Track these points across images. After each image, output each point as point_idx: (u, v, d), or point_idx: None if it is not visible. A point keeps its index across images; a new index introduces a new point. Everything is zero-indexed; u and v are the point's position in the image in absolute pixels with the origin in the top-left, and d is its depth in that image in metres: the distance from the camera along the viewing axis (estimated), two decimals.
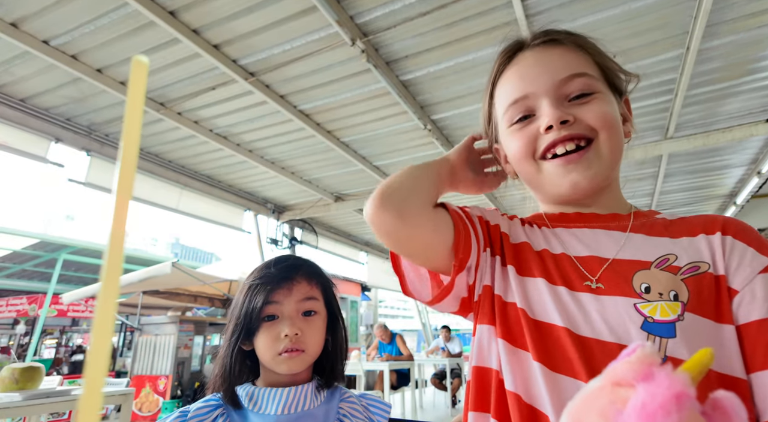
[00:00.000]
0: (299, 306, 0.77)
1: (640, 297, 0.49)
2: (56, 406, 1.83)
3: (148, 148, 4.01)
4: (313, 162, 4.32)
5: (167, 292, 6.35)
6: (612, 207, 0.60)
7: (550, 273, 0.55)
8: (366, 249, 7.44)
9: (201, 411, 0.74)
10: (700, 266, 0.50)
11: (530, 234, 0.62)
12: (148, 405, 5.19)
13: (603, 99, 0.56)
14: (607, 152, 0.55)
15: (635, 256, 0.53)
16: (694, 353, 0.40)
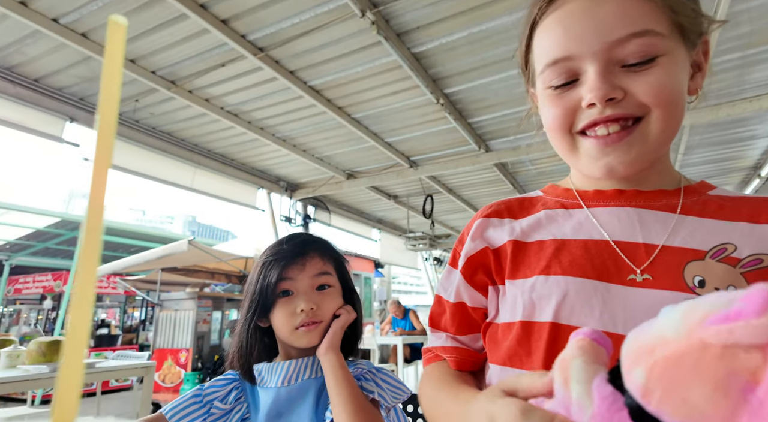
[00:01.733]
0: (313, 281, 0.78)
1: (693, 292, 0.43)
2: None
3: (160, 127, 4.02)
4: (324, 139, 4.29)
5: (185, 269, 6.49)
6: (658, 182, 0.52)
7: (576, 264, 0.48)
8: (378, 226, 7.46)
9: (217, 383, 0.77)
10: (764, 259, 0.43)
11: (549, 224, 0.53)
12: (170, 377, 5.39)
13: (667, 64, 0.45)
14: (656, 133, 0.46)
15: (687, 243, 0.46)
16: None
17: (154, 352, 5.55)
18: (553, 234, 0.52)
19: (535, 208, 0.57)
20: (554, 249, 0.50)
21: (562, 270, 0.48)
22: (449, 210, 6.78)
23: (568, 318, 0.45)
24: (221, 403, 0.75)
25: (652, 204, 0.50)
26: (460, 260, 0.58)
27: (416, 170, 4.92)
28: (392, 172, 5.05)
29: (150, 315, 10.08)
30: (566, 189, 0.57)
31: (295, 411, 0.72)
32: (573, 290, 0.46)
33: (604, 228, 0.50)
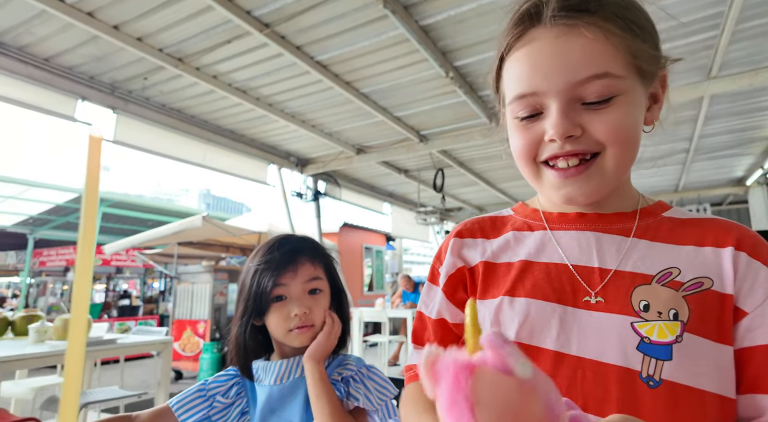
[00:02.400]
0: (305, 286, 0.82)
1: (638, 315, 0.46)
2: (104, 353, 2.02)
3: (170, 104, 4.04)
4: (332, 114, 4.27)
5: (200, 243, 6.64)
6: (617, 204, 0.56)
7: (538, 288, 0.52)
8: (389, 200, 7.47)
9: (220, 378, 0.83)
10: (704, 282, 0.47)
11: (516, 246, 0.57)
12: (190, 346, 5.63)
13: (624, 104, 0.48)
14: (611, 168, 0.50)
15: (637, 268, 0.49)
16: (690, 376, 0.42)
17: (174, 323, 5.77)
18: (519, 256, 0.56)
19: (505, 228, 0.61)
20: (519, 271, 0.54)
21: (525, 293, 0.52)
22: (460, 183, 6.75)
23: (528, 338, 0.49)
24: (223, 398, 0.81)
25: (609, 227, 0.54)
26: (440, 278, 0.61)
27: (426, 144, 4.88)
28: (402, 146, 5.02)
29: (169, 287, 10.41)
30: (534, 209, 0.61)
31: (287, 407, 0.77)
32: (534, 312, 0.50)
33: (564, 252, 0.54)
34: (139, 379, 5.33)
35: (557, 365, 0.47)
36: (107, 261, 9.31)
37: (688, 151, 5.45)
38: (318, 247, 0.88)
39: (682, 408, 0.43)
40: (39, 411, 2.29)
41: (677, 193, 7.48)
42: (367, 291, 9.67)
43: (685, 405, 0.43)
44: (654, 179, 6.82)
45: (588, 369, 0.46)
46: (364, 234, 10.05)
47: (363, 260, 9.83)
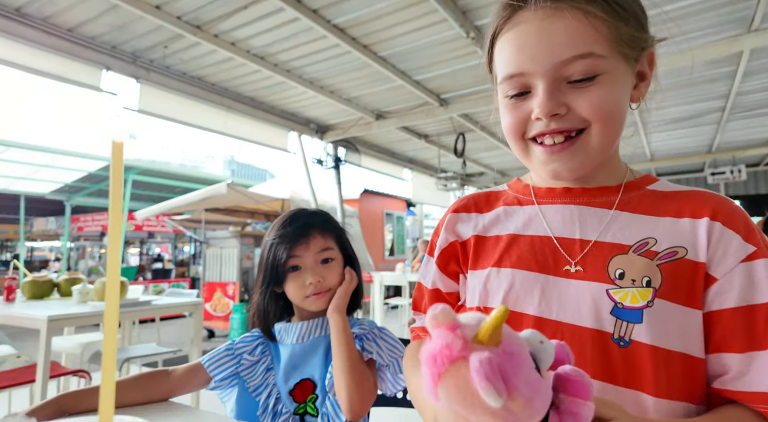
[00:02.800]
0: (317, 257, 0.89)
1: (613, 283, 0.50)
2: (141, 313, 2.18)
3: (190, 72, 4.07)
4: (351, 80, 4.22)
5: (226, 209, 6.83)
6: (603, 178, 0.58)
7: (523, 259, 0.56)
8: (409, 166, 7.45)
9: (246, 339, 0.92)
10: (678, 251, 0.50)
11: (506, 220, 0.61)
12: (221, 307, 5.92)
13: (607, 82, 0.50)
14: (596, 144, 0.52)
15: (616, 239, 0.53)
16: (658, 337, 0.47)
17: (204, 285, 6.05)
18: (507, 230, 0.60)
19: (498, 203, 0.65)
20: (507, 243, 0.58)
21: (511, 264, 0.56)
22: (482, 147, 6.65)
23: (513, 305, 0.54)
24: (249, 356, 0.90)
25: (593, 201, 0.57)
26: (435, 251, 0.66)
27: (446, 108, 4.80)
28: (422, 111, 4.95)
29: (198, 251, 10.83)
30: (525, 185, 0.65)
31: (308, 363, 0.86)
32: (518, 281, 0.55)
33: (549, 225, 0.58)
34: (174, 336, 5.68)
35: (539, 329, 0.50)
36: (139, 227, 9.71)
37: (723, 109, 5.19)
38: (329, 220, 0.94)
39: (649, 365, 0.47)
40: (87, 364, 2.51)
41: (710, 154, 7.18)
42: (388, 256, 9.83)
43: (652, 362, 0.47)
44: (685, 140, 6.55)
45: (566, 332, 0.50)
46: (385, 201, 10.11)
47: (384, 226, 9.93)
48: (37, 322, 1.80)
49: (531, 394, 0.27)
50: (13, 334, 3.97)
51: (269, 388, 0.85)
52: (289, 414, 0.82)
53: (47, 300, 2.44)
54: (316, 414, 0.82)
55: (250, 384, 0.86)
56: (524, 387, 0.27)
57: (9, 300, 2.38)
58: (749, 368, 0.46)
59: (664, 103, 5.06)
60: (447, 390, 0.28)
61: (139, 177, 8.88)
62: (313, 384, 0.85)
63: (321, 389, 0.84)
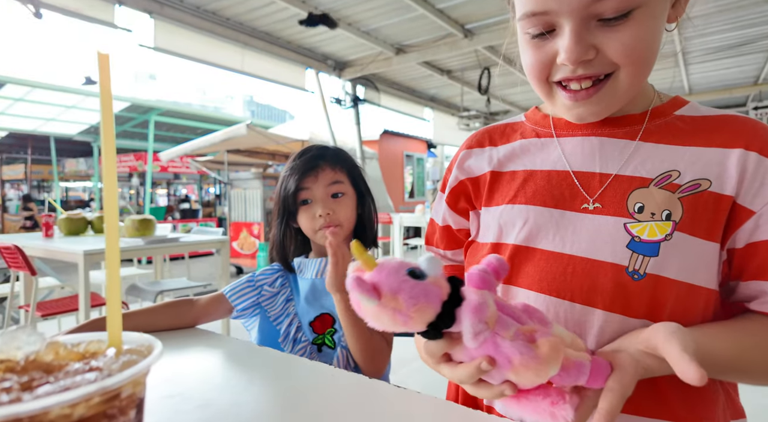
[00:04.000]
0: (327, 190, 0.88)
1: (632, 217, 0.49)
2: (170, 249, 2.28)
3: (204, 6, 3.91)
4: (369, 9, 3.99)
5: (248, 151, 6.87)
6: (628, 106, 0.54)
7: (538, 194, 0.54)
8: (431, 105, 7.21)
9: (266, 272, 0.95)
10: (702, 184, 0.48)
11: (522, 154, 0.59)
12: (248, 246, 6.15)
13: (643, 18, 0.45)
14: (624, 87, 0.49)
15: (637, 172, 0.51)
16: (673, 270, 0.47)
17: (231, 225, 6.26)
18: (524, 166, 0.58)
19: (515, 135, 0.62)
20: (523, 179, 0.57)
21: (526, 200, 0.55)
22: (509, 83, 6.34)
23: (527, 240, 0.54)
24: (270, 287, 0.93)
25: (615, 131, 0.54)
26: (446, 189, 0.66)
27: (471, 40, 4.53)
28: (445, 43, 4.69)
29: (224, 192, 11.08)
30: (545, 115, 0.61)
31: (327, 298, 0.88)
32: (533, 217, 0.54)
33: (567, 159, 0.55)
34: (205, 272, 5.99)
35: (550, 263, 0.51)
36: (164, 168, 9.91)
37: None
38: (340, 153, 0.93)
39: (663, 297, 0.47)
40: (125, 295, 2.68)
41: (757, 85, 6.68)
42: (408, 198, 9.85)
43: (666, 294, 0.47)
44: (729, 71, 6.08)
45: (578, 264, 0.50)
46: (405, 142, 9.94)
47: (404, 168, 9.86)
48: (75, 256, 1.91)
49: (396, 290, 0.34)
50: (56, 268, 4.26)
51: (290, 317, 0.89)
52: (307, 342, 0.86)
53: (83, 236, 2.58)
54: (333, 346, 0.86)
55: (271, 314, 0.90)
56: (388, 288, 0.34)
57: (48, 236, 2.52)
58: None
59: (710, 29, 4.64)
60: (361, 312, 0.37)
61: (160, 118, 8.92)
62: (332, 318, 0.88)
63: (339, 324, 0.86)
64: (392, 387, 0.54)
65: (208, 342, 0.73)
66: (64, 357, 0.27)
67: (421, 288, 0.35)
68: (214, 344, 0.72)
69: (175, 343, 0.72)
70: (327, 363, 0.80)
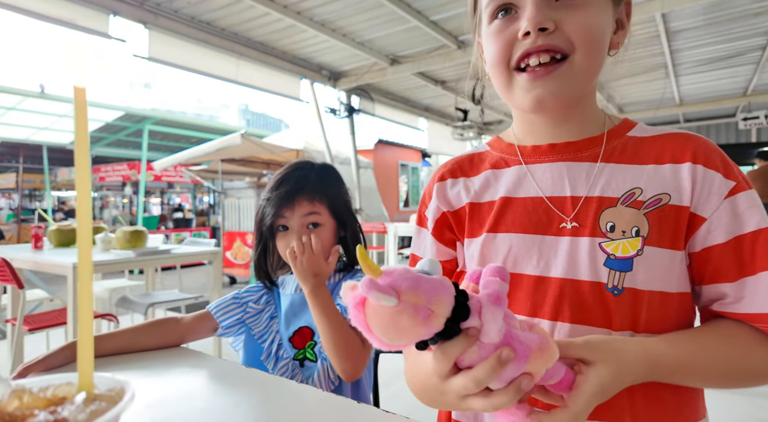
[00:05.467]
0: (303, 220, 0.89)
1: (605, 236, 0.52)
2: (161, 261, 2.25)
3: (199, 17, 3.93)
4: (364, 21, 4.02)
5: (242, 160, 6.85)
6: (585, 129, 0.58)
7: (518, 222, 0.56)
8: (425, 114, 7.25)
9: (252, 289, 0.96)
10: (662, 198, 0.52)
11: (496, 183, 0.61)
12: (241, 255, 6.10)
13: (596, 6, 0.51)
14: (580, 70, 0.52)
15: (604, 192, 0.54)
16: (647, 281, 0.50)
17: (224, 234, 6.21)
18: (499, 193, 0.60)
19: (483, 165, 0.64)
20: (500, 207, 0.59)
21: (506, 228, 0.57)
22: None
23: (512, 267, 0.56)
24: (255, 304, 0.93)
25: (579, 155, 0.57)
26: (428, 222, 0.65)
27: (465, 51, 4.57)
28: (439, 54, 4.73)
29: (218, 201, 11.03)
30: (509, 144, 0.63)
31: (306, 311, 0.88)
32: (515, 244, 0.56)
33: (539, 185, 0.58)
34: (198, 283, 5.93)
35: (539, 287, 0.54)
36: (158, 177, 9.86)
37: (765, 47, 4.83)
38: (322, 182, 0.92)
39: (643, 308, 0.50)
40: (114, 308, 2.65)
41: (745, 96, 6.78)
42: (403, 207, 9.86)
43: (645, 305, 0.50)
44: (719, 83, 6.18)
45: (566, 287, 0.52)
46: (400, 151, 9.96)
47: (399, 177, 9.87)
48: (64, 269, 1.88)
49: (414, 285, 0.34)
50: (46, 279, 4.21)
51: (272, 335, 0.89)
52: (289, 359, 0.85)
53: (73, 248, 2.55)
54: (315, 359, 0.85)
55: (255, 331, 0.90)
56: (406, 284, 0.34)
57: (37, 247, 2.49)
58: (744, 292, 0.50)
59: (699, 41, 4.72)
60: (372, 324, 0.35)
61: (154, 127, 8.90)
62: (311, 331, 0.87)
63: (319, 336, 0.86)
64: (380, 411, 0.53)
65: (194, 363, 0.71)
66: (29, 406, 0.26)
67: (435, 281, 0.35)
68: (200, 365, 0.71)
69: (160, 364, 0.70)
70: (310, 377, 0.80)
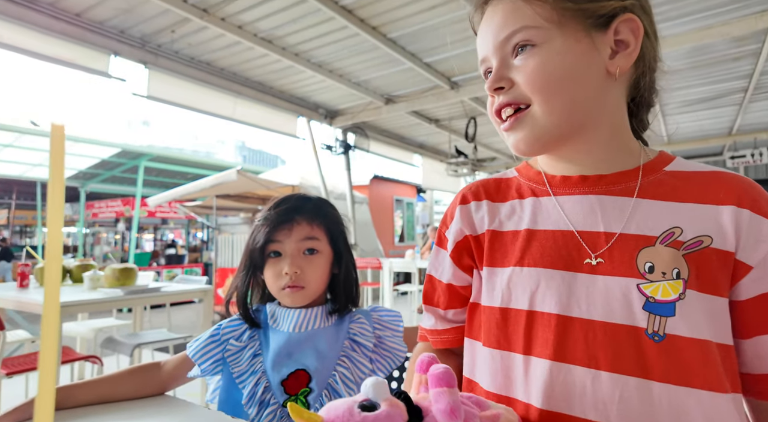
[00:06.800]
0: (300, 245, 0.82)
1: (644, 277, 0.48)
2: (151, 299, 2.19)
3: (198, 57, 4.03)
4: (359, 62, 4.15)
5: (237, 196, 6.86)
6: (616, 162, 0.55)
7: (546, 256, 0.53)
8: (420, 151, 7.36)
9: (233, 323, 0.85)
10: (703, 240, 0.48)
11: (522, 212, 0.58)
12: None
13: (542, 52, 0.51)
14: (542, 116, 0.52)
15: (641, 230, 0.50)
16: (692, 329, 0.46)
17: (217, 271, 6.11)
18: (525, 224, 0.57)
19: (511, 192, 0.61)
20: (526, 239, 0.55)
21: (534, 262, 0.54)
22: (494, 131, 6.52)
23: (540, 305, 0.52)
24: (237, 341, 0.83)
25: (611, 189, 0.54)
26: (448, 244, 0.62)
27: (458, 92, 4.70)
28: (432, 94, 4.86)
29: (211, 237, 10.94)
30: (537, 172, 0.61)
31: (304, 353, 0.80)
32: (543, 280, 0.52)
33: (569, 218, 0.54)
34: (188, 321, 5.77)
35: (568, 327, 0.50)
36: (152, 213, 9.82)
37: (746, 89, 5.01)
38: (322, 208, 0.87)
39: (685, 357, 0.46)
40: (100, 349, 2.55)
41: (731, 136, 6.97)
42: (398, 243, 9.82)
43: (687, 354, 0.46)
44: (705, 122, 6.36)
45: (598, 330, 0.48)
46: (395, 187, 10.04)
47: (394, 212, 9.90)
48: None
49: None
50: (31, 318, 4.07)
51: (257, 375, 0.79)
52: (277, 405, 0.76)
53: (62, 286, 2.48)
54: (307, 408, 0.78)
55: (235, 371, 0.80)
56: None
57: (22, 286, 2.42)
58: None
59: (684, 83, 4.89)
60: None
61: (150, 163, 8.94)
62: (308, 375, 0.79)
63: (317, 383, 0.78)
64: None
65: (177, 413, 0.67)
66: None
67: (380, 418, 0.34)
68: (183, 415, 0.66)
69: (141, 414, 0.65)
70: None
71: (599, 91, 0.52)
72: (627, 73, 0.54)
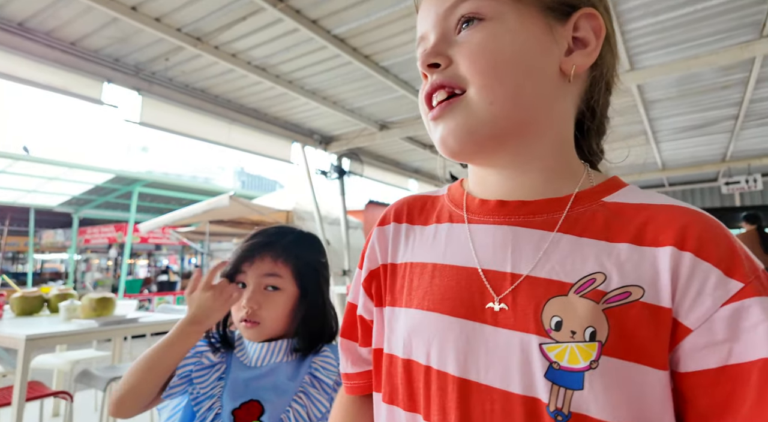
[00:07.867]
0: (261, 280, 0.82)
1: (548, 335, 0.37)
2: (128, 331, 2.10)
3: (192, 84, 4.05)
4: (353, 90, 4.18)
5: (231, 221, 6.80)
6: (551, 184, 0.45)
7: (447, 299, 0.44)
8: (415, 176, 7.37)
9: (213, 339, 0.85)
10: (632, 292, 0.37)
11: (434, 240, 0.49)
12: None
13: (490, 27, 0.42)
14: (480, 104, 0.42)
15: (554, 274, 0.40)
16: (605, 409, 0.35)
17: None
18: (433, 258, 0.48)
19: (434, 214, 0.52)
20: (431, 276, 0.46)
21: (434, 306, 0.44)
22: None
23: (437, 361, 0.42)
24: (213, 355, 0.82)
25: (531, 220, 0.44)
26: (363, 271, 0.54)
27: None
28: None
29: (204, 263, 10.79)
30: (463, 192, 0.52)
31: (261, 385, 0.78)
32: (441, 330, 0.43)
33: (478, 253, 0.45)
34: None
35: (467, 394, 0.40)
36: (145, 239, 9.73)
37: (736, 117, 5.06)
38: (295, 244, 0.85)
39: None
40: (73, 383, 2.43)
41: (724, 162, 7.01)
42: None
43: None
44: (698, 149, 6.40)
45: (496, 400, 0.38)
46: None
47: None
48: (15, 341, 1.73)
49: None
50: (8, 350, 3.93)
51: (212, 400, 0.76)
52: None
53: (37, 317, 2.38)
54: None
55: (196, 389, 0.77)
56: None
57: None
58: None
59: (675, 111, 4.94)
60: None
61: (145, 189, 8.92)
62: (260, 408, 0.76)
63: (269, 416, 0.75)
64: None
65: None
66: None
67: None
68: None
69: None
70: None
71: (550, 89, 0.43)
72: (580, 78, 0.45)
